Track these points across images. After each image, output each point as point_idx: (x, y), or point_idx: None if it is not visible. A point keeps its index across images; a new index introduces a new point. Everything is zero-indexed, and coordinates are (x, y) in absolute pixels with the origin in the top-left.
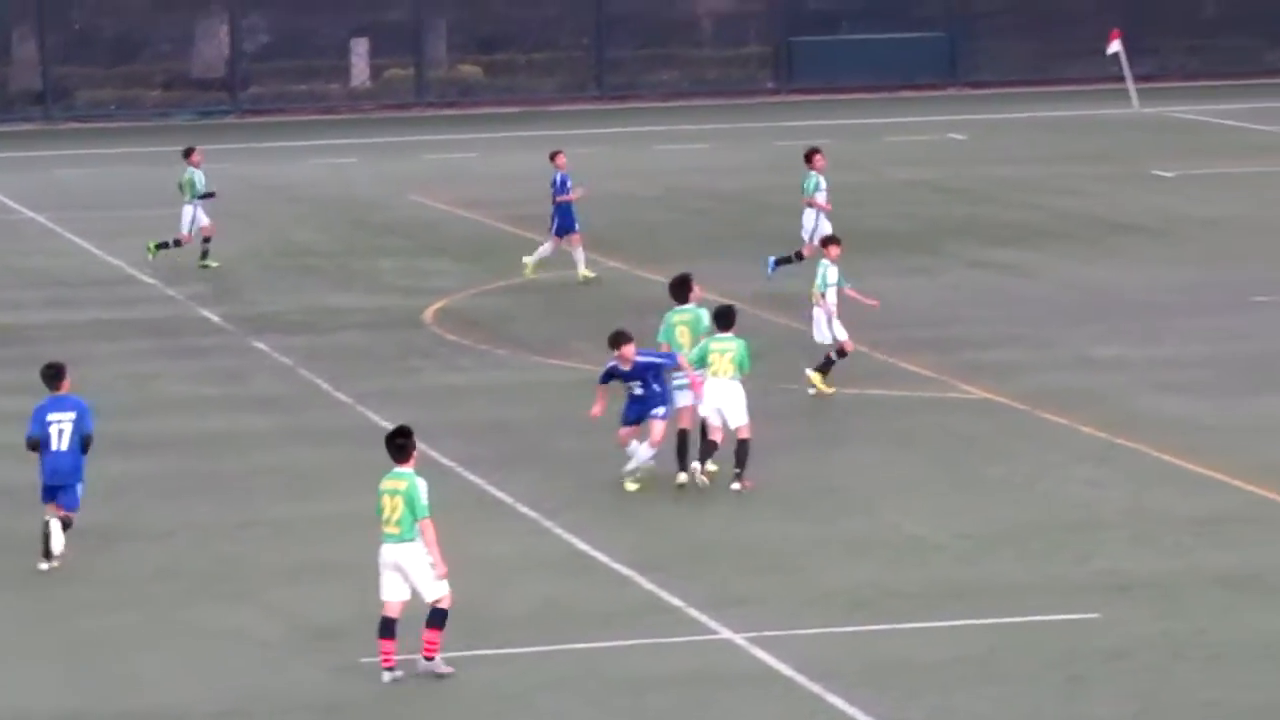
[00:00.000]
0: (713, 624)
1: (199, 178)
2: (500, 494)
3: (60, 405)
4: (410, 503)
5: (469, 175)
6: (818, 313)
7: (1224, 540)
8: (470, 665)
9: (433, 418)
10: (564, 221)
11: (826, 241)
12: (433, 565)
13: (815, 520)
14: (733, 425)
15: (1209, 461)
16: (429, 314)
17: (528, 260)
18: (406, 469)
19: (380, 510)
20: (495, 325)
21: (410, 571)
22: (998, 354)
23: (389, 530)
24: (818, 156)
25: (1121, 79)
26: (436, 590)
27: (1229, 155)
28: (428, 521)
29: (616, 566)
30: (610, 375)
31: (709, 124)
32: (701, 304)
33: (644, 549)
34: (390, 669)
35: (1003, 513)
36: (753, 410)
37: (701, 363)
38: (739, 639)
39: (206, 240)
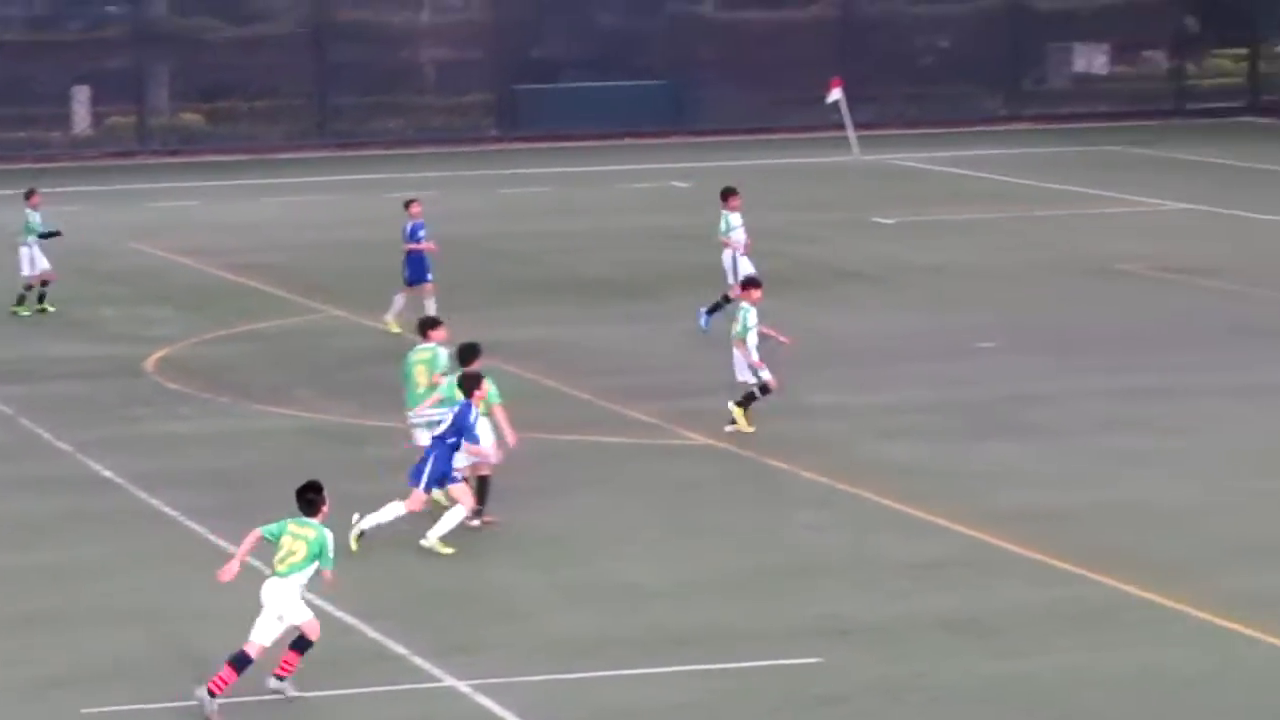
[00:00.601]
0: (437, 671)
1: (35, 219)
2: (222, 542)
3: None
4: (320, 552)
5: (191, 223)
6: (738, 354)
7: (943, 584)
8: (188, 715)
9: (154, 466)
10: (415, 271)
11: (747, 284)
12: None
13: (540, 568)
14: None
15: (929, 506)
16: (150, 362)
17: (388, 318)
18: (315, 521)
19: (278, 547)
20: (217, 373)
21: (271, 604)
22: (722, 401)
23: (279, 568)
24: (734, 197)
25: (842, 127)
26: (265, 635)
27: (948, 202)
28: (333, 574)
29: (340, 615)
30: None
31: (434, 171)
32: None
33: (369, 597)
34: (214, 695)
35: (724, 558)
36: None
37: (452, 401)
38: (463, 686)
39: (44, 284)
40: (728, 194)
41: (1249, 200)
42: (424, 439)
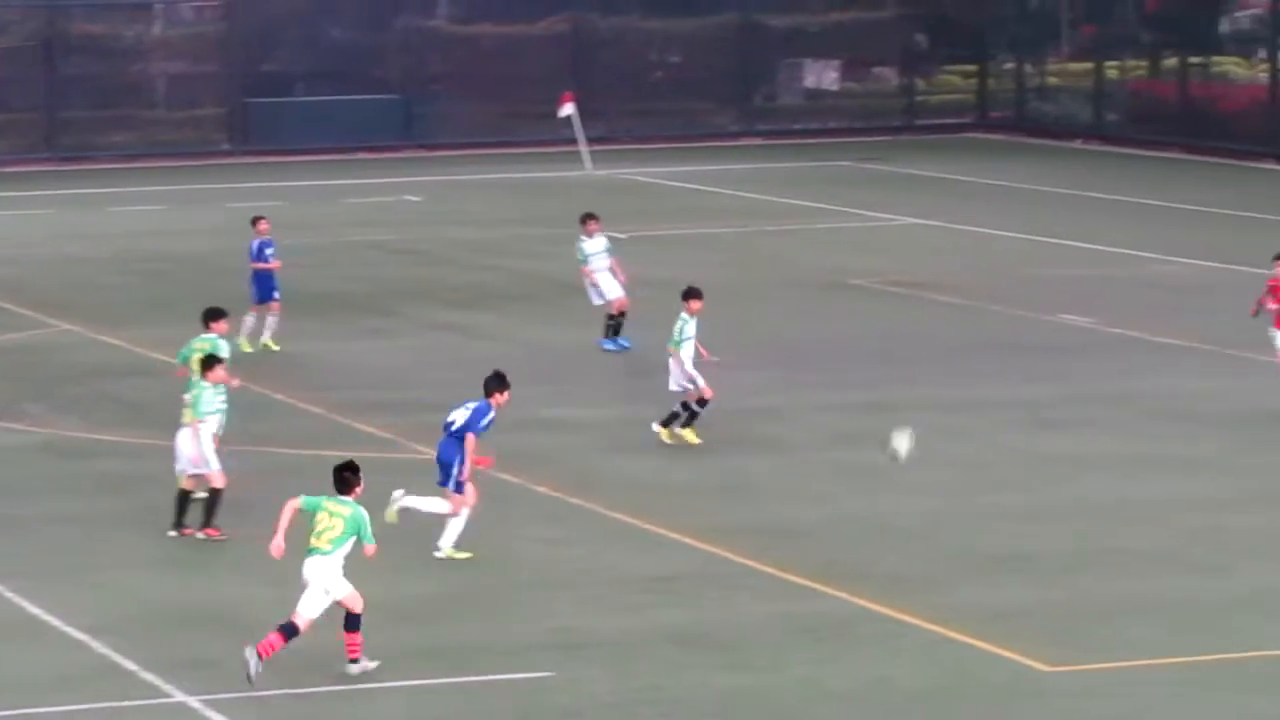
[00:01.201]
0: (167, 687)
1: None
2: None
3: None
4: (359, 529)
5: None
6: (673, 364)
7: (676, 598)
8: None
9: None
10: (262, 289)
11: (688, 295)
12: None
13: (269, 583)
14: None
15: (661, 520)
16: None
17: (241, 339)
18: (350, 499)
19: (314, 522)
20: None
21: (315, 581)
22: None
23: (320, 544)
24: (591, 223)
25: (574, 142)
26: (312, 609)
27: (681, 217)
28: (374, 547)
29: (69, 630)
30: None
31: (164, 186)
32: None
33: (100, 612)
34: (261, 659)
35: (457, 573)
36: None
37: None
38: (193, 702)
39: None
40: (586, 219)
41: (978, 215)
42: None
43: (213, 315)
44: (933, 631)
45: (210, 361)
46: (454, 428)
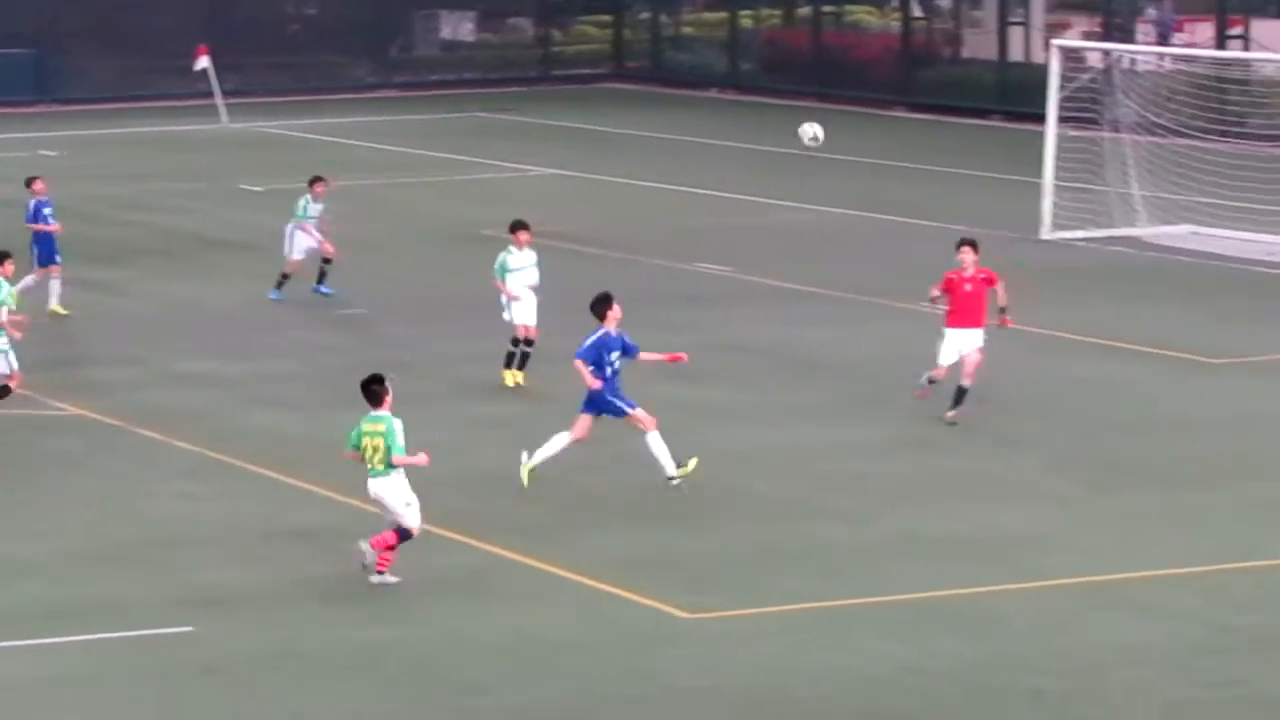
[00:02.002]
0: None
1: None
2: None
3: None
4: (388, 442)
5: None
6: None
7: (318, 552)
8: None
9: None
10: (44, 252)
11: (515, 227)
12: (408, 505)
13: None
14: None
15: (301, 474)
16: None
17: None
18: (383, 413)
19: (361, 449)
20: None
21: (387, 501)
22: (92, 372)
23: (376, 467)
24: (320, 184)
25: (210, 95)
26: (410, 519)
27: (318, 170)
28: (420, 459)
29: None
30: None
31: None
32: None
33: None
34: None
35: (99, 529)
36: None
37: None
38: None
39: None
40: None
41: (615, 165)
42: None
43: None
44: (572, 580)
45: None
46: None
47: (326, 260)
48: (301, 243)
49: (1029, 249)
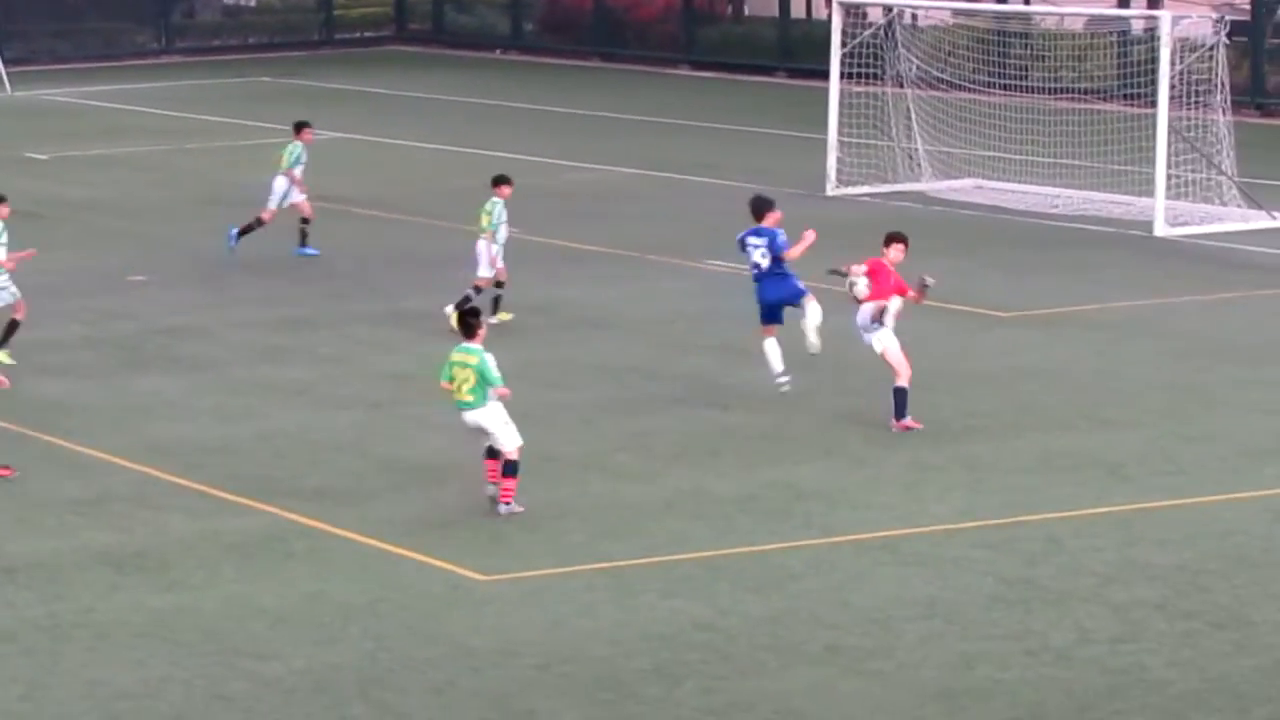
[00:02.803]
0: None
1: None
2: None
3: None
4: (482, 375)
5: None
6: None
7: (106, 519)
8: None
9: None
10: None
11: (497, 181)
12: (506, 423)
13: None
14: None
15: (89, 442)
16: None
17: None
18: (475, 345)
19: (451, 379)
20: None
21: (487, 426)
22: None
23: (462, 399)
24: (307, 130)
25: None
26: (511, 444)
27: (103, 137)
28: (503, 389)
29: None
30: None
31: None
32: None
33: None
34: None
35: None
36: None
37: None
38: None
39: None
40: (300, 126)
41: (399, 128)
42: None
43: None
44: (366, 544)
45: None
46: (764, 263)
47: (305, 221)
48: (283, 190)
49: (815, 205)
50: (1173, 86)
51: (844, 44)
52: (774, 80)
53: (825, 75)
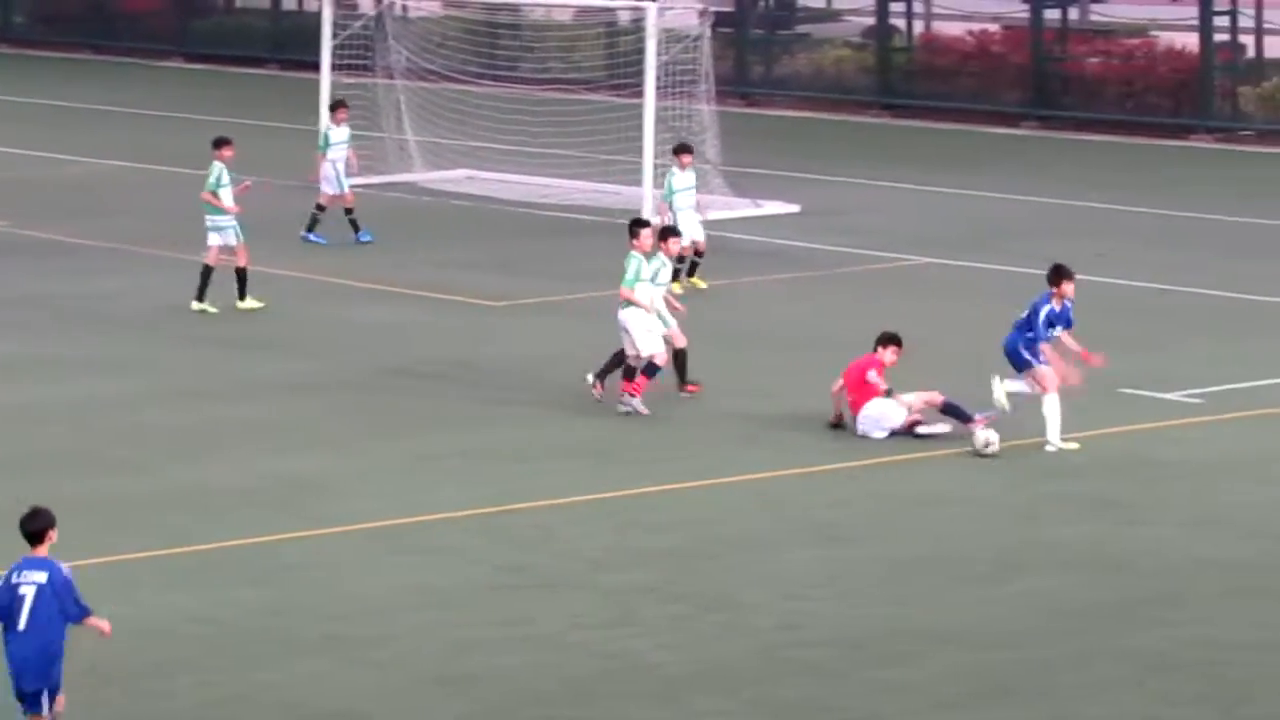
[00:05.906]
0: None
1: None
2: None
3: None
4: (622, 274)
5: None
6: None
7: None
8: None
9: None
10: None
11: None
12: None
13: None
14: None
15: None
16: None
17: None
18: (634, 252)
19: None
20: None
21: (630, 327)
22: None
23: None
24: (341, 110)
25: None
26: (649, 347)
27: None
28: (630, 291)
29: None
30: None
31: None
32: None
33: None
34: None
35: None
36: None
37: None
38: None
39: None
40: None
41: None
42: None
43: None
44: None
45: None
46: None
47: (320, 208)
48: (329, 175)
49: (309, 197)
50: (659, 77)
51: (335, 35)
52: (267, 72)
53: (317, 67)
